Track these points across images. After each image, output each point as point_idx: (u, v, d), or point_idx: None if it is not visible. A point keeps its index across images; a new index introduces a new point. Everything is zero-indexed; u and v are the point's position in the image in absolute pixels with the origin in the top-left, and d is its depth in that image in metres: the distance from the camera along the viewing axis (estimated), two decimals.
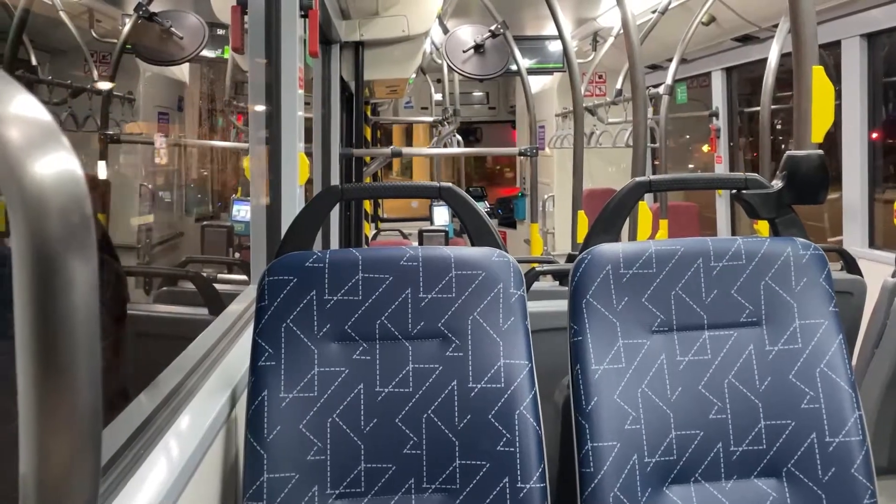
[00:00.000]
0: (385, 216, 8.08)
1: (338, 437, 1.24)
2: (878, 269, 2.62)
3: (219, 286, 2.41)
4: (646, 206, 2.95)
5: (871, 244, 3.72)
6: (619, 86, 5.75)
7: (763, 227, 3.68)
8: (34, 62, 3.97)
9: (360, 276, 1.31)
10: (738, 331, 1.35)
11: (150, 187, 5.28)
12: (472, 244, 1.48)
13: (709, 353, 1.34)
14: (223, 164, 6.69)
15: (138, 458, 1.03)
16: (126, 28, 4.02)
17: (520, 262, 1.39)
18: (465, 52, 4.66)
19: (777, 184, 1.53)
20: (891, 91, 3.83)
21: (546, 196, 7.17)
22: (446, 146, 7.00)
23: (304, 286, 1.29)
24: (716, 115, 5.39)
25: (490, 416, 1.25)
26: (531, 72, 5.58)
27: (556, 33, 3.98)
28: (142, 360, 1.78)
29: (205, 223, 5.27)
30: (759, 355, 1.33)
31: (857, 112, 3.68)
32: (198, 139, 6.36)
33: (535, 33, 6.14)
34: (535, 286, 2.29)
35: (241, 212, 4.62)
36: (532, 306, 1.37)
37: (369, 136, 5.67)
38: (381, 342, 1.29)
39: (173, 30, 3.85)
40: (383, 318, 1.29)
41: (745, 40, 4.76)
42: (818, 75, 1.50)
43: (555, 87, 7.36)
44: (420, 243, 3.95)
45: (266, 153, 2.11)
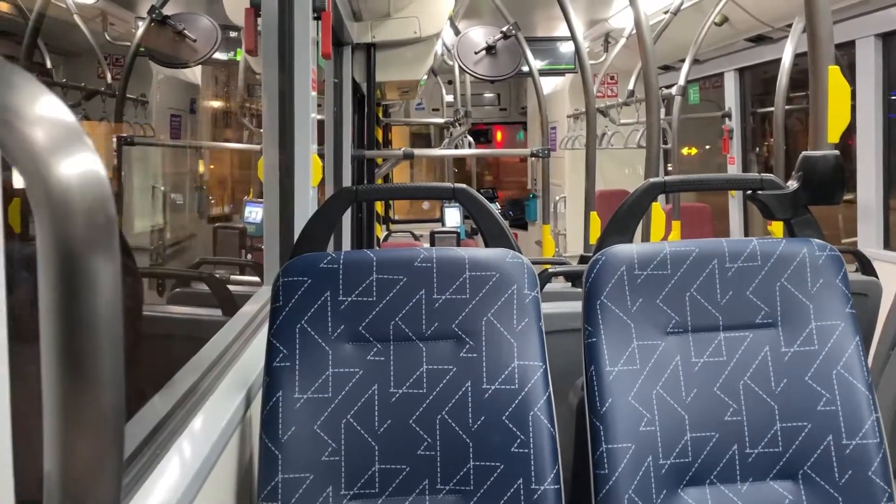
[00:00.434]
0: (395, 217, 8.09)
1: (352, 437, 1.24)
2: (893, 271, 2.60)
3: (231, 287, 2.42)
4: (659, 207, 2.93)
5: (887, 245, 3.69)
6: (631, 87, 5.73)
7: (777, 228, 3.66)
8: (49, 65, 4.00)
9: (374, 277, 1.31)
10: (753, 332, 1.34)
11: (162, 189, 5.31)
12: (486, 245, 1.48)
13: (724, 355, 1.33)
14: (236, 165, 6.71)
15: (154, 459, 1.04)
16: (139, 31, 4.05)
17: (532, 263, 1.39)
18: (476, 53, 4.66)
19: (792, 184, 1.53)
20: None
21: (558, 197, 7.16)
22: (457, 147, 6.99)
23: (319, 287, 1.29)
24: (729, 115, 5.37)
25: (504, 418, 1.25)
26: (543, 73, 5.57)
27: (567, 34, 3.97)
28: (156, 361, 1.79)
29: (217, 225, 5.29)
30: (774, 357, 1.33)
31: (872, 112, 3.65)
32: (210, 141, 6.38)
33: (546, 34, 6.13)
34: (548, 287, 2.29)
35: (254, 213, 4.63)
36: (545, 307, 1.36)
37: (381, 138, 5.68)
38: (395, 343, 1.29)
39: (186, 32, 3.87)
40: (397, 319, 1.30)
41: (759, 40, 4.73)
42: (834, 75, 1.49)
43: (566, 89, 7.35)
44: (432, 245, 3.95)
45: (279, 155, 2.12)
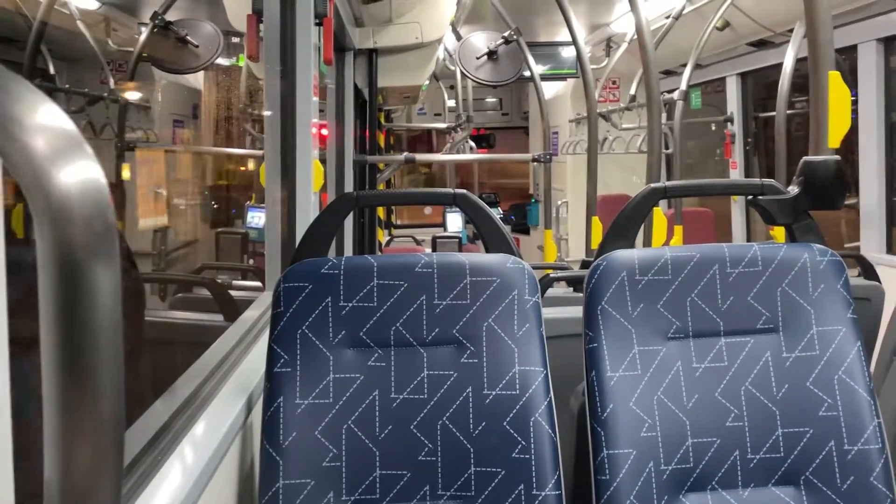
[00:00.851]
0: (397, 223, 8.10)
1: (353, 443, 1.24)
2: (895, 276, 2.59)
3: (233, 293, 2.42)
4: (660, 212, 2.93)
5: (889, 250, 3.68)
6: (632, 91, 5.73)
7: (779, 232, 3.65)
8: (52, 71, 4.01)
9: (375, 283, 1.31)
10: (754, 338, 1.34)
11: (164, 193, 5.32)
12: (487, 251, 1.49)
13: (725, 360, 1.33)
14: (238, 170, 6.72)
15: (155, 465, 1.04)
16: (142, 37, 4.06)
17: (533, 268, 1.39)
18: (478, 58, 4.66)
19: (794, 189, 1.53)
20: None
21: (559, 202, 7.16)
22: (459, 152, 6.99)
23: (320, 293, 1.30)
24: (730, 120, 5.37)
25: (505, 423, 1.25)
26: (544, 78, 5.58)
27: (569, 39, 3.97)
28: (158, 367, 1.79)
29: (219, 230, 5.30)
30: (776, 362, 1.33)
31: (874, 117, 3.65)
32: (213, 146, 6.40)
33: (548, 39, 6.13)
34: (549, 292, 2.29)
35: (256, 218, 4.64)
36: (546, 312, 1.36)
37: (382, 143, 5.68)
38: (395, 349, 1.29)
39: (189, 38, 3.88)
40: (398, 325, 1.30)
41: (760, 45, 4.73)
42: (834, 81, 1.49)
43: (568, 93, 7.36)
44: (433, 250, 3.96)
45: (281, 160, 2.13)
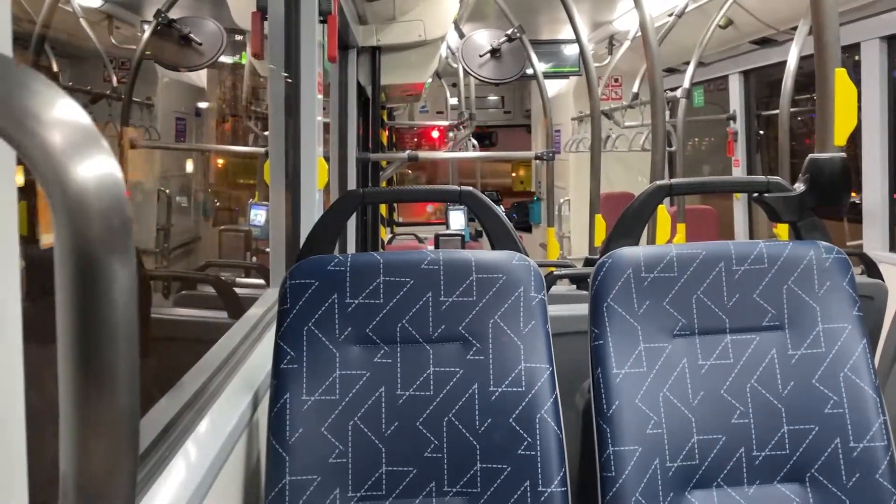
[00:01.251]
0: (399, 220, 8.09)
1: (359, 439, 1.24)
2: None
3: (237, 290, 2.43)
4: (664, 210, 2.93)
5: (892, 248, 3.68)
6: (635, 89, 5.73)
7: (782, 230, 3.65)
8: (55, 68, 4.01)
9: (381, 280, 1.31)
10: (760, 335, 1.34)
11: (167, 192, 5.32)
12: (493, 248, 1.49)
13: (731, 358, 1.33)
14: (242, 168, 6.73)
15: (163, 461, 1.04)
16: (145, 35, 4.06)
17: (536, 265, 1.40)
18: (481, 56, 4.66)
19: (799, 187, 1.52)
20: None
21: (562, 200, 7.15)
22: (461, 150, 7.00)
23: (326, 289, 1.30)
24: (733, 118, 5.36)
25: (511, 420, 1.25)
26: (547, 76, 5.57)
27: (572, 37, 3.97)
28: (164, 364, 1.79)
29: (222, 227, 5.30)
30: (781, 359, 1.33)
31: (878, 115, 3.65)
32: (216, 144, 6.40)
33: (551, 37, 6.13)
34: (553, 290, 2.29)
35: (259, 216, 4.64)
36: (551, 310, 1.37)
37: (385, 141, 5.68)
38: (402, 345, 1.29)
39: (192, 36, 3.88)
40: (404, 322, 1.30)
41: (763, 43, 4.73)
42: (841, 78, 1.49)
43: (571, 91, 7.35)
44: (436, 247, 3.96)
45: (285, 158, 2.13)
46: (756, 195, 1.58)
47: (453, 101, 7.55)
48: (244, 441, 1.27)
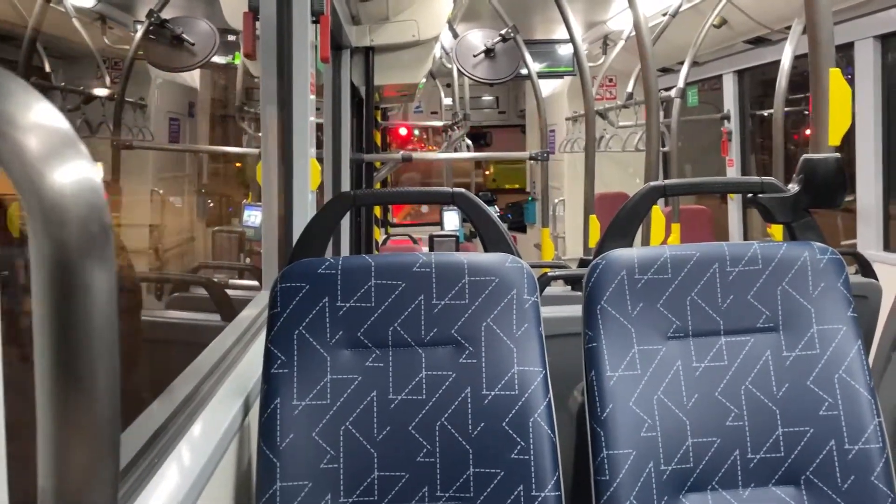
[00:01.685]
0: (394, 221, 8.08)
1: (351, 444, 1.23)
2: (893, 273, 2.59)
3: (230, 292, 2.41)
4: (659, 210, 2.93)
5: (887, 247, 3.68)
6: (629, 89, 5.73)
7: (776, 230, 3.65)
8: (48, 69, 3.99)
9: (372, 283, 1.30)
10: (754, 337, 1.34)
11: (161, 193, 5.30)
12: (486, 250, 1.48)
13: (725, 360, 1.32)
14: (235, 169, 6.71)
15: (152, 467, 1.03)
16: (138, 35, 4.04)
17: (531, 266, 1.39)
18: (475, 56, 4.66)
19: (793, 187, 1.52)
20: None
21: (557, 200, 7.15)
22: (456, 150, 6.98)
23: (317, 293, 1.29)
24: (727, 118, 5.37)
25: (504, 424, 1.24)
26: (541, 76, 5.56)
27: (566, 37, 3.97)
28: (155, 367, 1.78)
29: (216, 228, 5.29)
30: (776, 361, 1.32)
31: (871, 114, 3.65)
32: (209, 145, 6.38)
33: (545, 37, 6.12)
34: (547, 291, 2.28)
35: (252, 217, 4.63)
36: (544, 311, 1.36)
37: (379, 141, 5.67)
38: (393, 349, 1.28)
39: (184, 36, 3.86)
40: (396, 325, 1.29)
41: (757, 42, 4.73)
42: (835, 78, 1.48)
43: (565, 91, 7.35)
44: (430, 248, 3.94)
45: (277, 159, 2.11)
46: (750, 196, 1.57)
47: (447, 101, 7.54)
48: (235, 446, 1.26)
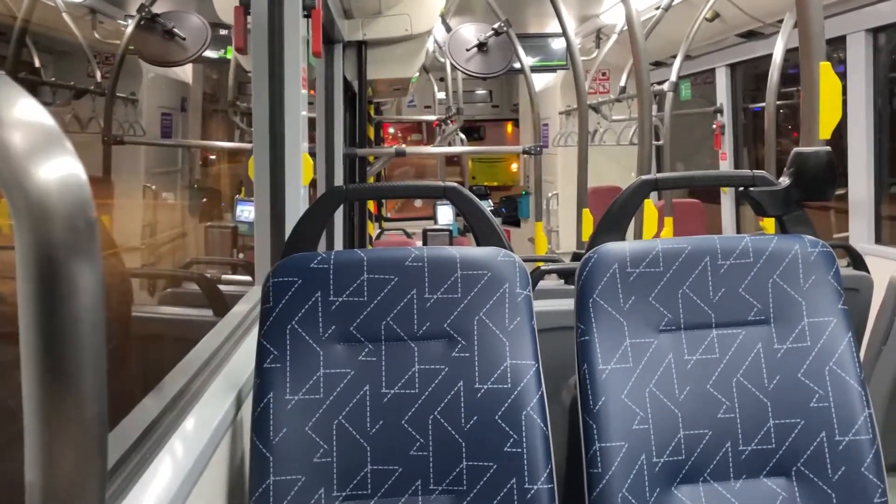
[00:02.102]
0: (388, 216, 8.08)
1: (344, 439, 1.23)
2: (884, 266, 2.61)
3: (223, 287, 2.41)
4: (651, 204, 2.93)
5: (878, 240, 3.70)
6: (622, 83, 5.73)
7: (768, 223, 3.66)
8: (37, 64, 3.97)
9: (365, 277, 1.30)
10: (746, 329, 1.34)
11: (153, 188, 5.29)
12: (478, 244, 1.48)
13: (717, 352, 1.33)
14: (227, 164, 6.69)
15: (144, 461, 1.03)
16: (129, 29, 4.02)
17: (524, 260, 1.39)
18: (468, 50, 4.64)
19: (784, 181, 1.52)
20: None
21: (550, 194, 7.16)
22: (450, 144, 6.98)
23: (310, 287, 1.29)
24: (720, 111, 5.38)
25: (497, 417, 1.25)
26: (535, 70, 5.56)
27: (559, 31, 3.96)
28: (147, 363, 1.78)
29: (208, 223, 5.27)
30: (767, 354, 1.33)
31: (863, 107, 3.66)
32: (201, 139, 6.36)
33: (538, 31, 6.12)
34: (540, 285, 2.29)
35: (245, 212, 4.61)
36: (537, 305, 1.36)
37: (372, 136, 5.65)
38: (386, 343, 1.28)
39: (176, 31, 3.84)
40: (389, 319, 1.29)
41: (750, 36, 4.74)
42: (825, 72, 1.48)
43: (558, 85, 7.35)
44: (424, 243, 3.94)
45: (270, 154, 2.11)
46: (741, 190, 1.57)
47: (441, 95, 7.53)
48: (228, 441, 1.26)
